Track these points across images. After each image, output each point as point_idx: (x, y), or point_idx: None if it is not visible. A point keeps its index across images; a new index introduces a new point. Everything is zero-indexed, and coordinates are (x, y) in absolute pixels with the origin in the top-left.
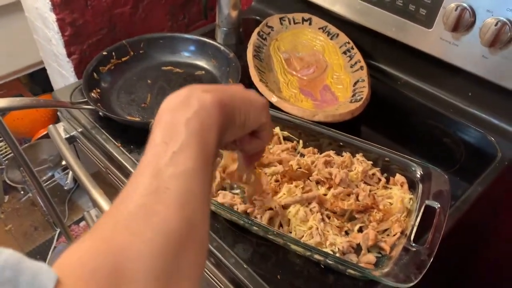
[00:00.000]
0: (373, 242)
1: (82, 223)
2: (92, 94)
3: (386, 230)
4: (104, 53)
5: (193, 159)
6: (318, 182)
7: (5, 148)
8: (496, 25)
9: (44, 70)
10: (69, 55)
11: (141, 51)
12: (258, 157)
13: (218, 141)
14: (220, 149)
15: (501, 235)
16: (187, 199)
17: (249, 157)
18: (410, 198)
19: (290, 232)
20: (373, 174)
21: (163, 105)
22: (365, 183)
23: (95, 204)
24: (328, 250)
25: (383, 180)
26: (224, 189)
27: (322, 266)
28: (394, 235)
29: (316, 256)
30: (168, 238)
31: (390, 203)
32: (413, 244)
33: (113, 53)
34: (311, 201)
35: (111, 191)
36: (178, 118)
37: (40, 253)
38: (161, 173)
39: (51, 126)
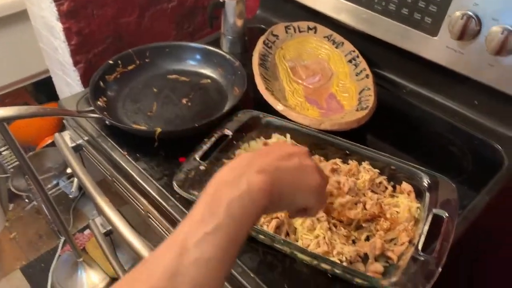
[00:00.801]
0: (380, 251)
1: (87, 231)
2: (98, 102)
3: (393, 239)
4: (110, 61)
5: (221, 247)
6: None
7: (11, 156)
8: (502, 33)
9: (49, 78)
10: (75, 64)
11: (146, 60)
12: None
13: (255, 222)
14: None
15: (509, 243)
16: None
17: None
18: (418, 207)
19: (297, 241)
20: (380, 183)
21: (217, 175)
22: (372, 191)
23: (100, 212)
24: (335, 259)
25: (390, 188)
26: None
27: (329, 276)
28: (401, 244)
29: (323, 265)
30: None
31: (397, 211)
32: (421, 253)
33: (119, 62)
34: None
35: (117, 200)
36: (223, 196)
37: (44, 261)
38: (186, 255)
39: (57, 134)
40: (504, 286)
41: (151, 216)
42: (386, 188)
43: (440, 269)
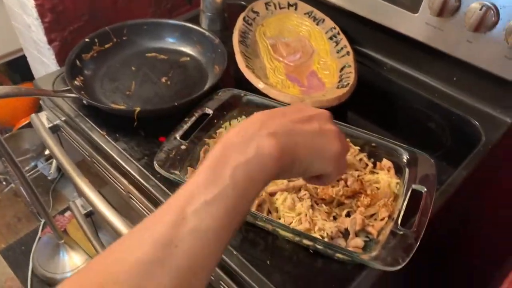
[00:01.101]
0: (361, 226)
1: (67, 213)
2: (75, 82)
3: (373, 214)
4: (87, 40)
5: (220, 218)
6: None
7: None
8: (481, 9)
9: (23, 57)
10: (50, 42)
11: (124, 38)
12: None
13: (261, 191)
14: None
15: (485, 218)
16: (194, 262)
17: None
18: (397, 183)
19: (279, 219)
20: (360, 160)
21: (226, 135)
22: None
23: (81, 194)
24: (316, 235)
25: (370, 165)
26: None
27: (311, 251)
28: (381, 220)
29: (305, 241)
30: None
31: (377, 187)
32: (400, 228)
33: (96, 40)
34: (299, 189)
35: (97, 181)
36: (229, 161)
37: (24, 244)
38: (182, 223)
39: (33, 115)
40: (478, 259)
41: (132, 197)
42: (367, 165)
43: (418, 243)
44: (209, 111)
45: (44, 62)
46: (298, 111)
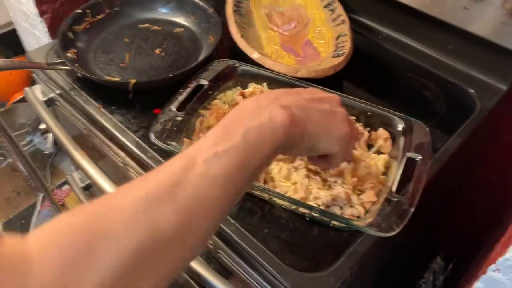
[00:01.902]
0: (348, 201)
1: (66, 187)
2: (68, 54)
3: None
4: (79, 11)
5: (229, 169)
6: None
7: None
8: None
9: (14, 31)
10: (41, 14)
11: (116, 8)
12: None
13: (270, 158)
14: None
15: (478, 184)
16: (200, 205)
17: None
18: (386, 160)
19: (275, 188)
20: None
21: (240, 104)
22: None
23: (78, 167)
24: (312, 203)
25: (367, 134)
26: None
27: (307, 219)
28: (368, 202)
29: (301, 209)
30: (150, 240)
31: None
32: (395, 195)
33: (88, 11)
34: (294, 159)
35: (94, 154)
36: (241, 123)
37: (24, 217)
38: (192, 168)
39: (27, 88)
40: (470, 225)
41: (129, 169)
42: (363, 134)
43: (413, 209)
44: (204, 82)
45: (36, 35)
46: (310, 92)
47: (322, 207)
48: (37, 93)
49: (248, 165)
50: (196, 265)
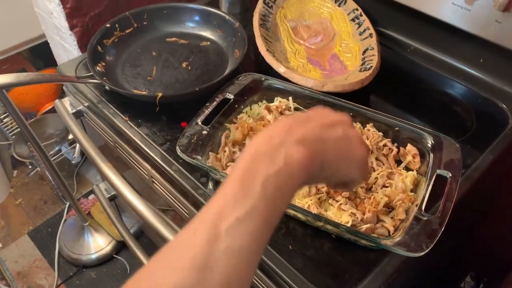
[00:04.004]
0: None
1: (91, 196)
2: (97, 67)
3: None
4: (108, 25)
5: (253, 235)
6: None
7: (11, 123)
8: None
9: (46, 44)
10: (72, 28)
11: (144, 23)
12: None
13: (291, 198)
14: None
15: (510, 202)
16: (229, 283)
17: None
18: (415, 177)
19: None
20: (384, 145)
21: (252, 143)
22: (376, 159)
23: (104, 178)
24: (339, 221)
25: (395, 150)
26: (234, 161)
27: (333, 237)
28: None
29: (328, 227)
30: None
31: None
32: (424, 213)
33: (117, 25)
34: None
35: (120, 165)
36: (258, 172)
37: (51, 226)
38: (216, 242)
39: (57, 101)
40: (500, 242)
41: (155, 181)
42: (391, 150)
43: (443, 228)
44: (230, 96)
45: (66, 48)
46: (321, 116)
47: (349, 225)
48: (67, 105)
49: (271, 221)
50: None
